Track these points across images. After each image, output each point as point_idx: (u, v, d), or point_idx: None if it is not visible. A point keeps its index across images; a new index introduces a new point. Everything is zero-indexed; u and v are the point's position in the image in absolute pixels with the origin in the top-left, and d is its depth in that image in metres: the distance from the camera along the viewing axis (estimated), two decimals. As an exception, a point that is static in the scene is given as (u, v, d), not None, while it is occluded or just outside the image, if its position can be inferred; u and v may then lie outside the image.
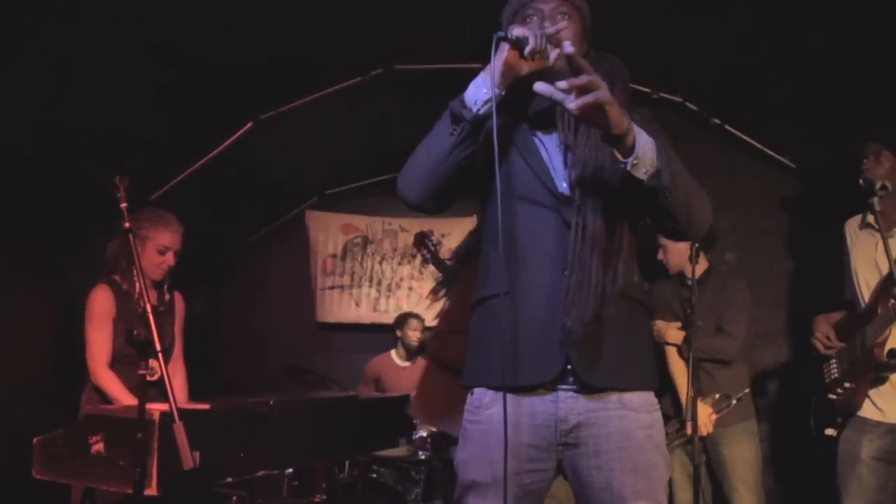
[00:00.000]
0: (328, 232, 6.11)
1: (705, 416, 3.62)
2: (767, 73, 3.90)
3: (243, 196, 5.12)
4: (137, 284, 3.34)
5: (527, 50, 1.75)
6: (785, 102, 4.10)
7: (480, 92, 1.82)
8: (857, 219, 3.55)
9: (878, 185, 2.36)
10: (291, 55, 3.79)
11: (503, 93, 1.82)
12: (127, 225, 2.45)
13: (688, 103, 4.66)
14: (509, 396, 1.87)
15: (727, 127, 4.74)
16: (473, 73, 1.86)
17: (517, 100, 1.93)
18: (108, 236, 3.39)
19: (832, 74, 3.64)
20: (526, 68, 1.82)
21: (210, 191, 4.63)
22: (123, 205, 2.48)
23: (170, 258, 3.48)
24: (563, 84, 1.68)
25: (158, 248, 3.44)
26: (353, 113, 4.60)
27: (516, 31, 1.75)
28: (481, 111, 1.82)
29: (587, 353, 1.86)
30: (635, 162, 1.73)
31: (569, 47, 1.69)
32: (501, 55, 1.78)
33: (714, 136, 4.77)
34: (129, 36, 3.28)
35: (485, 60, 1.82)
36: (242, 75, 3.79)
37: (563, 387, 1.88)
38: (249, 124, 4.39)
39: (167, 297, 3.60)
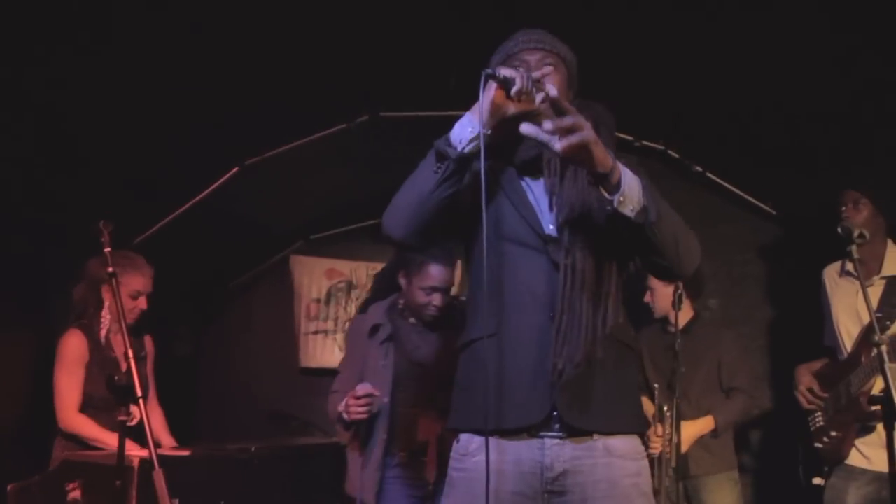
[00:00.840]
0: (312, 276, 6.08)
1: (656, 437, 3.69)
2: (748, 121, 3.96)
3: (228, 240, 5.11)
4: (104, 330, 3.35)
5: (513, 90, 1.77)
6: (766, 150, 4.15)
7: (466, 131, 1.84)
8: (837, 266, 3.58)
9: (856, 233, 2.39)
10: (278, 101, 3.81)
11: (489, 132, 1.83)
12: (110, 270, 2.43)
13: (670, 151, 4.71)
14: (495, 442, 1.86)
15: (709, 174, 4.78)
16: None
17: (504, 147, 1.96)
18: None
19: (812, 122, 3.69)
20: (512, 109, 1.83)
21: (195, 235, 4.62)
22: (107, 249, 2.46)
23: (142, 302, 3.44)
24: (548, 125, 1.71)
25: (131, 294, 3.39)
26: (338, 159, 4.62)
27: (504, 72, 1.78)
28: (466, 149, 1.84)
29: (574, 395, 1.86)
30: (622, 199, 1.75)
31: (553, 90, 1.73)
32: (489, 93, 1.80)
33: (696, 184, 4.81)
34: (114, 79, 3.29)
35: (470, 109, 1.85)
36: (229, 120, 3.80)
37: (549, 434, 1.88)
38: (235, 169, 4.39)
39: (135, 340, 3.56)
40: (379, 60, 3.64)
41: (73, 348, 3.29)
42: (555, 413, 1.86)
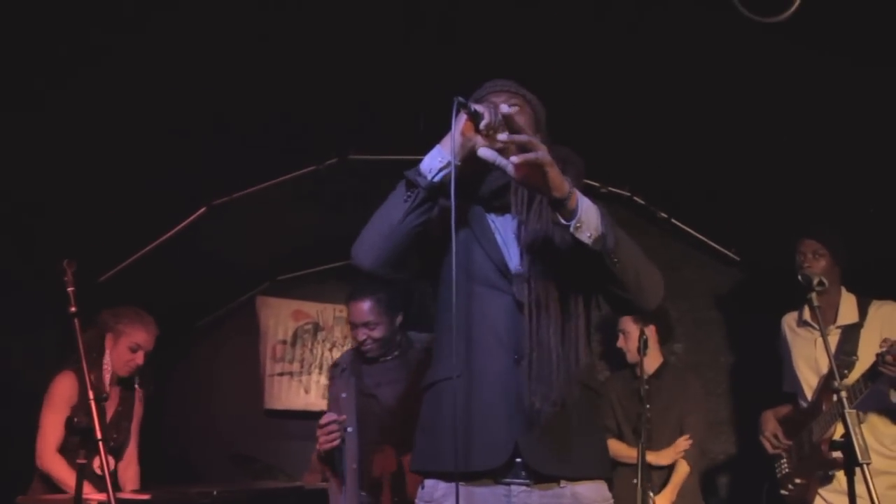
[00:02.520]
0: (279, 318, 6.04)
1: None
2: (713, 169, 4.02)
3: (194, 280, 5.06)
4: (107, 376, 3.37)
5: (482, 124, 1.80)
6: (729, 197, 4.21)
7: (435, 161, 1.87)
8: (795, 315, 3.62)
9: (816, 281, 2.43)
10: (247, 141, 3.82)
11: (459, 163, 1.85)
12: (73, 309, 2.41)
13: (636, 197, 4.77)
14: (462, 489, 1.84)
15: (674, 221, 4.85)
16: (427, 164, 1.90)
17: (470, 184, 1.97)
18: (52, 321, 3.33)
19: (775, 171, 3.76)
20: (480, 142, 1.85)
21: (161, 274, 4.58)
22: (71, 288, 2.44)
23: (140, 357, 3.55)
24: (503, 136, 1.74)
25: (131, 346, 3.51)
26: (306, 200, 4.62)
27: (475, 106, 1.81)
28: (436, 178, 1.86)
29: (538, 439, 1.85)
30: (578, 225, 1.76)
31: (505, 108, 1.76)
32: (459, 125, 1.83)
33: (661, 230, 4.88)
34: (82, 117, 3.28)
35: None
36: (197, 160, 3.80)
37: (516, 480, 1.86)
38: (202, 209, 4.38)
39: (128, 393, 3.62)
40: (348, 103, 3.66)
41: (61, 389, 3.36)
42: (519, 459, 1.85)
